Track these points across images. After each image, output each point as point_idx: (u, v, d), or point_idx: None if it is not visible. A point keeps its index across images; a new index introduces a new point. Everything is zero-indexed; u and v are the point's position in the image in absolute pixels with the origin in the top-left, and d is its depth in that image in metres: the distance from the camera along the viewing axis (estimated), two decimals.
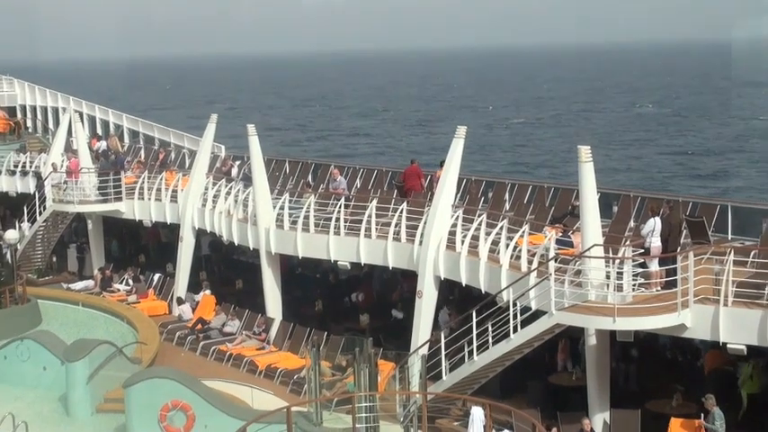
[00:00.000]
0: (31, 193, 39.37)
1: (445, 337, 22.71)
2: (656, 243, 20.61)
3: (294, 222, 28.73)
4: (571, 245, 22.44)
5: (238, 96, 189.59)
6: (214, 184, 32.98)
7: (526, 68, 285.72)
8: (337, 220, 27.56)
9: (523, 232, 23.03)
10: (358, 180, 33.09)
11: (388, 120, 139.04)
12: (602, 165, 64.10)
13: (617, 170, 79.85)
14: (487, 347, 21.83)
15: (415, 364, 22.27)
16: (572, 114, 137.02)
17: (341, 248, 27.57)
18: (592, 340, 21.66)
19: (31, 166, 41.43)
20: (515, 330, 21.26)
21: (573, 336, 23.40)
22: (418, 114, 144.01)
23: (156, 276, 35.30)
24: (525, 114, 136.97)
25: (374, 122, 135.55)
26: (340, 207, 27.67)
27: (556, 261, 20.83)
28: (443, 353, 22.60)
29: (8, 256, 33.72)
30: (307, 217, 28.34)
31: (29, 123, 51.35)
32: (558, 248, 22.11)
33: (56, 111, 50.06)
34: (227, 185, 32.47)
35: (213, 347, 28.87)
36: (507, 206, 28.55)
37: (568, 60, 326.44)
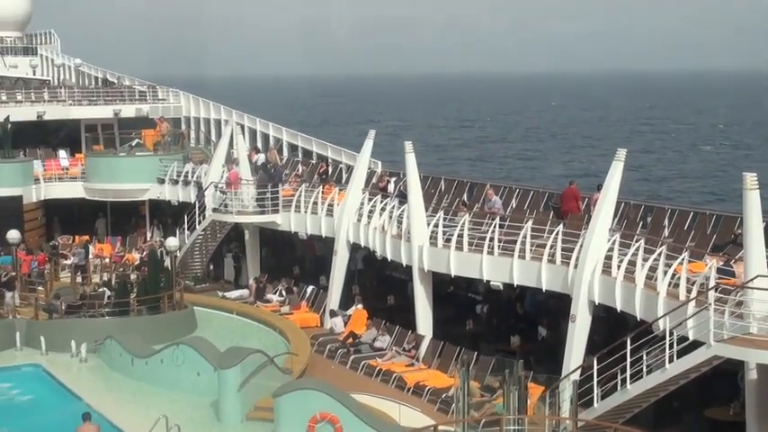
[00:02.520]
0: (192, 202, 40.40)
1: (598, 364, 22.22)
2: None
3: (448, 240, 28.63)
4: (733, 274, 21.64)
5: (405, 114, 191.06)
6: (370, 200, 33.16)
7: (707, 93, 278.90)
8: (491, 239, 27.32)
9: (683, 259, 22.37)
10: (513, 200, 32.78)
11: (547, 140, 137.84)
12: None
13: None
14: (641, 376, 21.27)
15: (566, 390, 21.88)
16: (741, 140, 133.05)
17: (494, 268, 27.31)
18: (752, 374, 20.83)
19: (192, 176, 42.51)
20: (671, 360, 20.64)
21: (731, 369, 22.58)
22: (581, 136, 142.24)
23: (310, 288, 35.69)
24: (709, 141, 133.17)
25: (533, 143, 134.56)
26: (494, 227, 27.43)
27: (716, 291, 20.15)
28: (595, 379, 22.10)
29: (168, 262, 34.64)
30: (461, 235, 28.20)
31: (192, 135, 52.72)
32: (719, 278, 21.38)
33: (218, 123, 51.24)
34: (382, 201, 32.61)
35: (363, 362, 28.97)
36: (666, 232, 27.81)
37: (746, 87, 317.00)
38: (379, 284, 36.25)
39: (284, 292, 35.96)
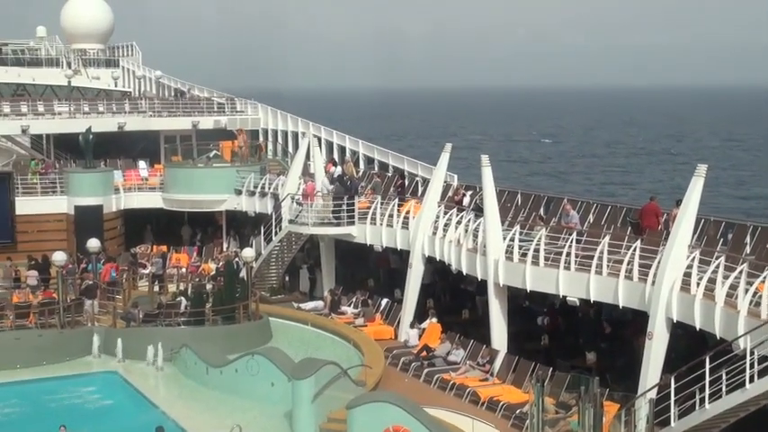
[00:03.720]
0: (269, 213, 40.66)
1: (675, 382, 21.84)
2: None
3: (524, 255, 28.41)
4: None
5: (482, 128, 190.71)
6: (445, 213, 33.05)
7: None
8: (568, 254, 27.04)
9: (765, 278, 21.92)
10: (591, 215, 32.41)
11: (628, 154, 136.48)
12: None
13: None
14: (720, 396, 20.86)
15: (643, 408, 21.55)
16: None
17: (570, 284, 27.00)
18: None
19: (269, 188, 42.80)
20: (752, 380, 20.21)
21: None
22: (660, 151, 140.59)
23: (384, 301, 35.65)
24: None
25: (610, 157, 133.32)
26: (571, 241, 27.16)
27: None
28: (673, 398, 21.73)
29: (244, 273, 34.87)
30: (537, 250, 27.95)
31: (270, 146, 53.16)
32: None
33: (296, 135, 51.56)
34: (458, 214, 32.49)
35: (437, 375, 28.83)
36: (748, 249, 27.26)
37: None
38: (454, 298, 36.10)
39: (359, 305, 35.98)
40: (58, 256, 33.53)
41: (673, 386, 21.69)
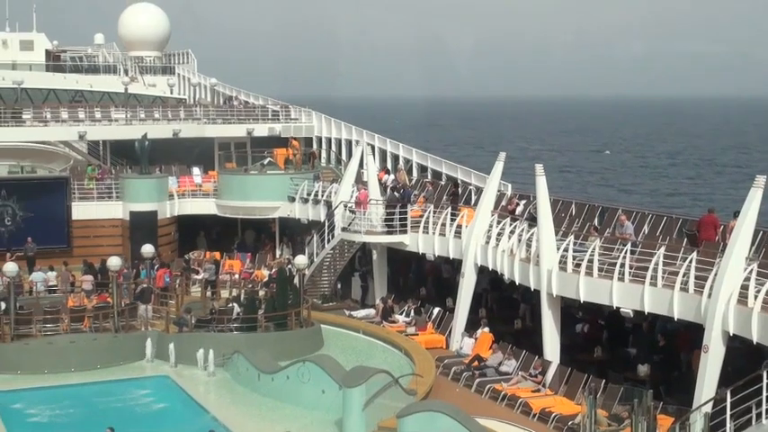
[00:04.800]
0: (321, 221, 40.75)
1: (731, 397, 21.51)
2: None
3: (577, 265, 28.18)
4: None
5: (536, 137, 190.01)
6: (499, 222, 32.90)
7: None
8: (622, 265, 26.77)
9: None
10: (646, 226, 32.06)
11: (681, 165, 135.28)
12: None
13: None
14: None
15: (698, 422, 21.23)
16: None
17: (624, 295, 26.72)
18: None
19: (322, 195, 42.91)
20: None
21: None
22: (718, 162, 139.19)
23: (436, 310, 35.55)
24: None
25: (669, 167, 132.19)
26: (626, 252, 26.89)
27: None
28: (728, 413, 21.40)
29: (297, 280, 34.96)
30: (591, 260, 27.71)
31: (324, 154, 53.31)
32: None
33: (349, 143, 51.65)
34: (511, 224, 32.32)
35: (488, 386, 28.66)
36: None
37: None
38: (506, 308, 35.90)
39: (411, 313, 35.90)
40: (113, 261, 33.85)
41: (729, 400, 21.37)
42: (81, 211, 45.36)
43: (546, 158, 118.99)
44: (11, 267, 33.08)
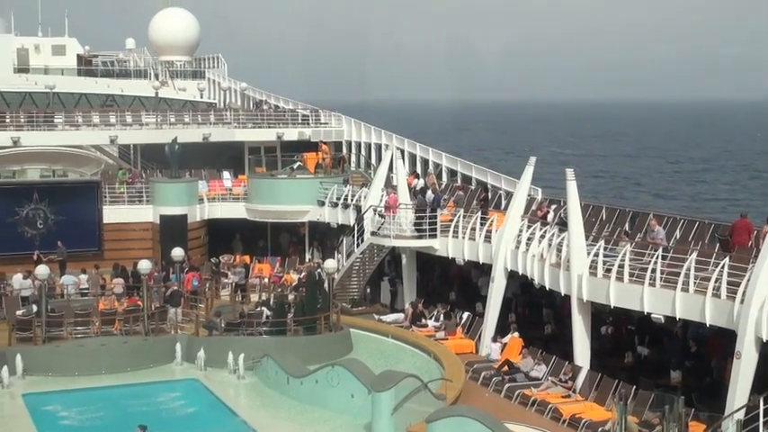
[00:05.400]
0: (351, 225, 40.76)
1: (765, 404, 21.32)
2: None
3: (608, 270, 28.02)
4: None
5: (566, 142, 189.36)
6: (529, 227, 32.78)
7: None
8: (653, 270, 26.59)
9: None
10: (678, 231, 31.86)
11: (717, 170, 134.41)
12: None
13: None
14: None
15: (730, 429, 21.08)
16: None
17: (655, 300, 26.52)
18: None
19: (352, 200, 42.93)
20: None
21: None
22: (756, 167, 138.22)
23: (465, 315, 35.47)
24: None
25: (702, 172, 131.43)
26: (657, 258, 26.70)
27: None
28: (761, 420, 21.22)
29: (326, 284, 34.96)
30: (621, 266, 27.55)
31: (353, 158, 53.36)
32: None
33: (379, 147, 51.66)
34: (541, 229, 32.19)
35: (518, 391, 28.53)
36: None
37: None
38: (536, 313, 35.76)
39: (440, 318, 35.82)
40: (144, 265, 33.98)
41: (762, 407, 21.19)
42: (112, 214, 45.60)
43: (578, 163, 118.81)
44: (42, 270, 33.29)
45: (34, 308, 33.84)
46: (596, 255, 28.61)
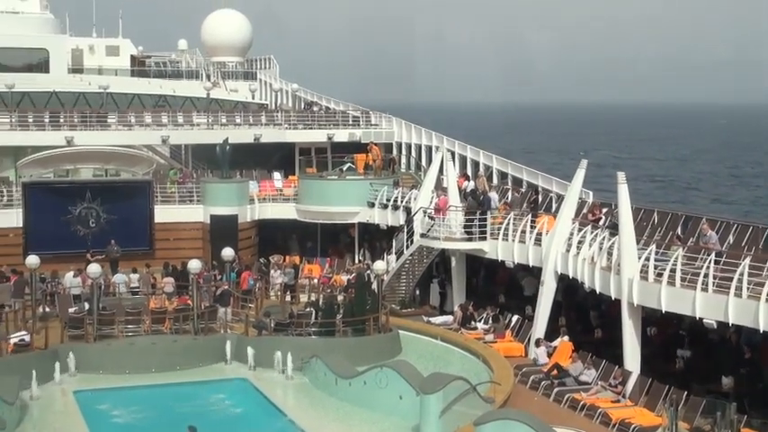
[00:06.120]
0: (400, 226, 40.72)
1: None
2: None
3: (659, 275, 27.74)
4: None
5: (619, 145, 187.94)
6: (579, 230, 32.56)
7: None
8: (706, 275, 26.28)
9: None
10: (731, 235, 31.47)
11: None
12: None
13: None
14: None
15: None
16: None
17: (708, 306, 26.20)
18: None
19: (402, 201, 42.89)
20: None
21: None
22: None
23: (515, 318, 35.30)
24: None
25: (760, 177, 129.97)
26: (710, 263, 26.39)
27: None
28: None
29: (375, 285, 34.96)
30: (673, 270, 27.26)
31: (403, 160, 53.33)
32: None
33: (429, 149, 51.58)
34: (592, 232, 31.96)
35: (567, 395, 28.33)
36: None
37: None
38: (586, 317, 35.48)
39: (489, 320, 35.68)
40: (194, 264, 34.20)
41: None
42: (163, 214, 45.90)
43: (632, 166, 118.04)
44: (94, 269, 33.63)
45: (86, 306, 34.20)
46: (647, 259, 28.35)
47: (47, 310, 35.87)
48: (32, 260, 34.93)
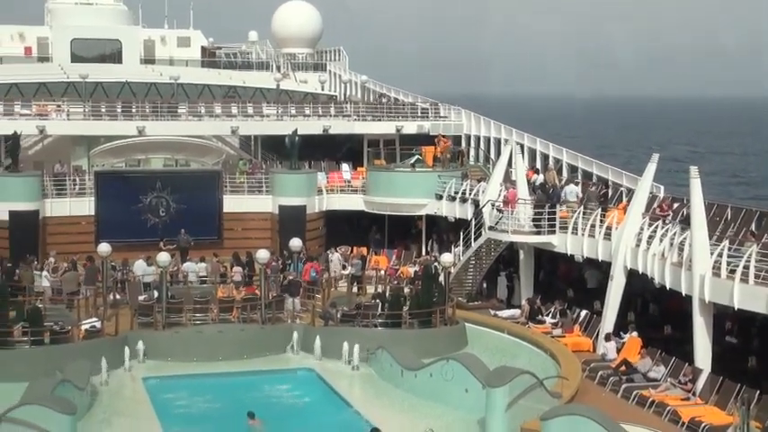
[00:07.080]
0: (468, 219, 40.54)
1: None
2: None
3: (732, 271, 27.26)
4: None
5: (693, 139, 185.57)
6: (650, 225, 32.13)
7: None
8: None
9: None
10: None
11: None
12: None
13: None
14: None
15: None
16: None
17: None
18: None
19: (470, 194, 42.69)
20: None
21: None
22: None
23: (584, 313, 34.95)
24: None
25: None
26: None
27: None
28: None
29: (442, 278, 34.84)
30: (747, 267, 26.77)
31: (472, 152, 53.08)
32: None
33: (498, 142, 51.27)
34: (663, 227, 31.51)
35: (635, 392, 27.98)
36: None
37: None
38: (656, 313, 35.04)
39: (557, 315, 35.38)
40: (262, 254, 34.38)
41: None
42: (232, 204, 46.20)
43: (708, 161, 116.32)
44: (163, 257, 33.95)
45: (155, 294, 34.55)
46: (720, 255, 27.87)
47: (117, 297, 36.33)
48: (104, 248, 35.40)
